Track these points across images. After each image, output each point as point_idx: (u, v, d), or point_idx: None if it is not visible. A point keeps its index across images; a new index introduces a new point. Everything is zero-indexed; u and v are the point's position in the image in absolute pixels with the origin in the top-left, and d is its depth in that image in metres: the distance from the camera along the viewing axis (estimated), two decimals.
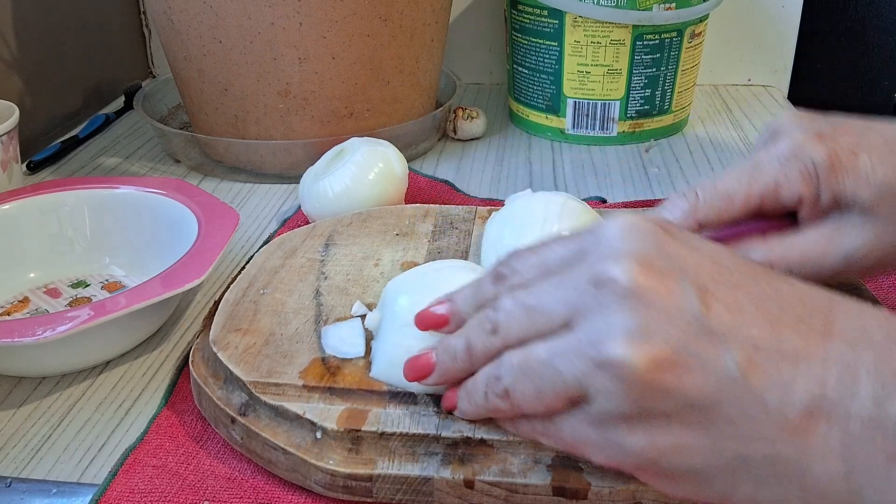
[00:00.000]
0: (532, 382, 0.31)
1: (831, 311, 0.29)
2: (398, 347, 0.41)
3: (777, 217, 0.41)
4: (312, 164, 0.66)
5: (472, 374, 0.36)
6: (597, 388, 0.29)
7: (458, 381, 0.37)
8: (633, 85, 0.81)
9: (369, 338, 0.44)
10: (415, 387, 0.40)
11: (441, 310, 0.38)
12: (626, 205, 0.67)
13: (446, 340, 0.37)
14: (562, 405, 0.31)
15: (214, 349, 0.44)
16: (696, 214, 0.40)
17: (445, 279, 0.42)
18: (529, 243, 0.35)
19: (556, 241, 0.34)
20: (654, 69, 0.80)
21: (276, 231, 0.66)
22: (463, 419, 0.39)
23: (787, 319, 0.28)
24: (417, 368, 0.38)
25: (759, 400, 0.27)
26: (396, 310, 0.42)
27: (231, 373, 0.42)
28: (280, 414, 0.40)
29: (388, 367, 0.41)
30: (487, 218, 0.57)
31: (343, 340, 0.44)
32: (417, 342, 0.40)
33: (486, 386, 0.34)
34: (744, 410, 0.27)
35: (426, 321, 0.38)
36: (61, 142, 0.83)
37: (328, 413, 0.40)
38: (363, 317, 0.46)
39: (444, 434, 0.38)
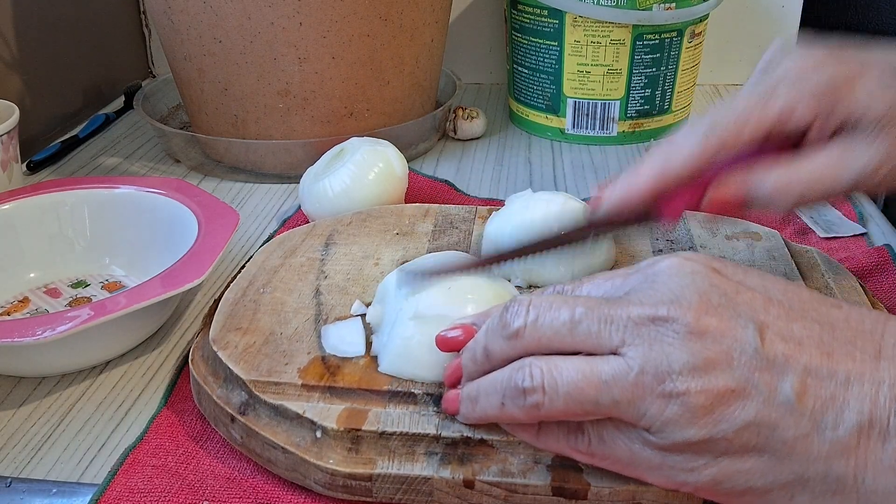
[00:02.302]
0: (571, 399, 0.32)
1: (880, 332, 0.31)
2: (404, 339, 0.41)
3: (778, 149, 0.41)
4: (312, 164, 0.66)
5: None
6: (661, 418, 0.30)
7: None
8: (633, 85, 0.81)
9: (369, 335, 0.44)
10: (421, 378, 0.40)
11: (458, 333, 0.38)
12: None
13: (470, 342, 0.38)
14: (592, 418, 0.33)
15: (214, 348, 0.44)
16: (710, 140, 0.40)
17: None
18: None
19: (603, 275, 0.35)
20: (654, 69, 0.80)
21: (276, 231, 0.66)
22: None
23: (837, 344, 0.30)
24: (452, 371, 0.38)
25: (814, 422, 0.29)
26: (400, 302, 0.42)
27: (231, 372, 0.42)
28: (280, 413, 0.40)
29: (398, 360, 0.41)
30: (487, 218, 0.57)
31: (343, 339, 0.44)
32: (423, 333, 0.40)
33: (503, 395, 0.34)
34: (800, 433, 0.29)
35: (446, 344, 0.39)
36: (61, 142, 0.83)
37: (328, 412, 0.40)
38: (363, 316, 0.46)
39: (443, 434, 0.38)
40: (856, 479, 0.29)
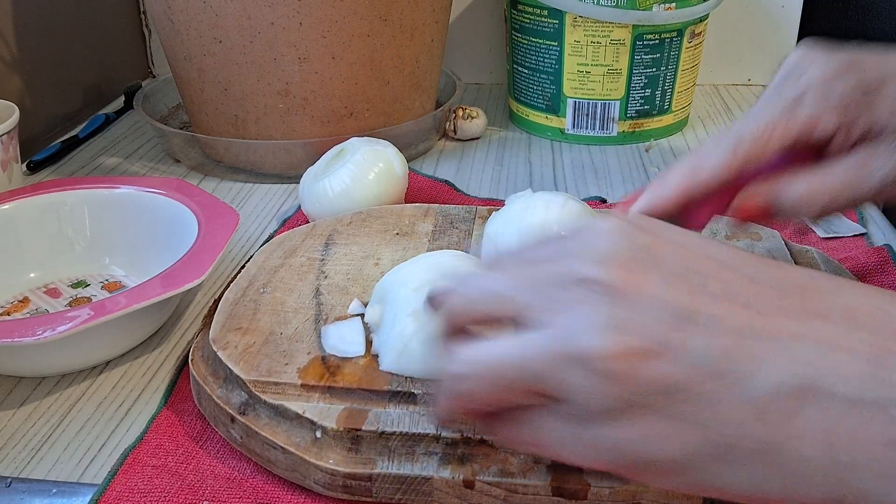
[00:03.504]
0: (497, 378, 0.30)
1: (812, 290, 0.28)
2: (405, 337, 0.41)
3: (802, 157, 0.41)
4: (312, 164, 0.66)
5: None
6: (571, 384, 0.28)
7: None
8: (633, 85, 0.81)
9: (368, 335, 0.44)
10: (422, 375, 0.41)
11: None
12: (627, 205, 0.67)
13: None
14: (527, 401, 0.30)
15: (214, 348, 0.44)
16: (738, 155, 0.40)
17: (442, 267, 0.43)
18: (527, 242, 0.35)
19: (546, 240, 0.33)
20: (654, 69, 0.80)
21: (276, 231, 0.66)
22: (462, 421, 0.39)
23: (764, 302, 0.28)
24: None
25: (734, 384, 0.27)
26: (399, 300, 0.42)
27: (231, 372, 0.42)
28: (280, 413, 0.40)
29: (399, 357, 0.41)
30: (487, 218, 0.57)
31: (343, 339, 0.44)
32: (422, 329, 0.40)
33: (444, 388, 0.32)
34: (719, 395, 0.27)
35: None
36: (61, 142, 0.83)
37: (328, 412, 0.40)
38: (363, 315, 0.46)
39: (443, 434, 0.38)
40: (781, 449, 0.27)
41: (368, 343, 0.44)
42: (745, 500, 0.29)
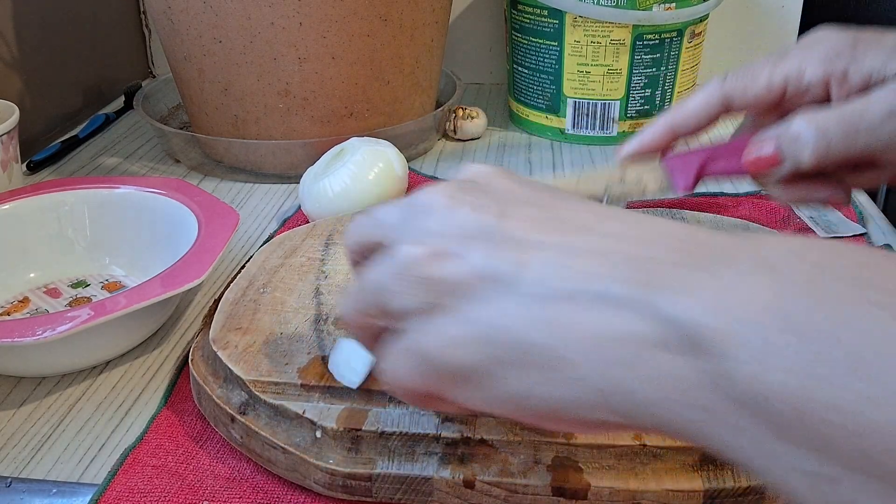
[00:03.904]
0: (358, 308, 0.32)
1: (608, 216, 0.29)
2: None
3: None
4: (312, 164, 0.66)
5: None
6: (396, 291, 0.30)
7: None
8: (633, 85, 0.81)
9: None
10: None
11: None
12: (627, 205, 0.67)
13: None
14: (383, 322, 0.32)
15: (214, 348, 0.44)
16: (723, 88, 0.43)
17: None
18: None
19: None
20: (654, 69, 0.80)
21: (276, 231, 0.66)
22: (461, 418, 0.39)
23: (558, 223, 0.29)
24: None
25: (502, 285, 0.28)
26: None
27: (231, 372, 0.42)
28: (280, 413, 0.40)
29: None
30: None
31: (347, 364, 0.42)
32: None
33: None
34: (491, 295, 0.28)
35: None
36: (61, 142, 0.83)
37: (328, 412, 0.40)
38: None
39: (443, 434, 0.38)
40: (556, 350, 0.26)
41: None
42: (545, 418, 0.28)
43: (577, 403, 0.27)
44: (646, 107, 0.82)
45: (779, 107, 0.43)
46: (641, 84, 0.81)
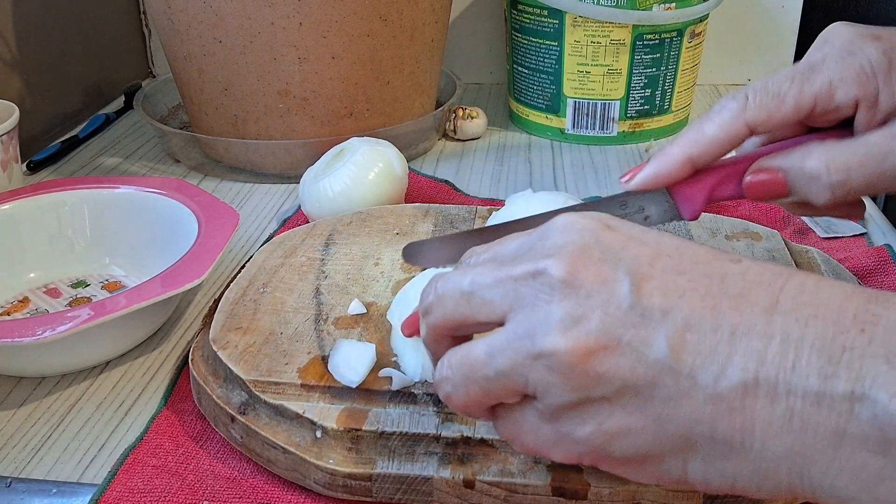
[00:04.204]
0: (469, 381, 0.30)
1: (780, 286, 0.28)
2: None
3: (829, 130, 0.40)
4: (312, 164, 0.66)
5: None
6: (536, 380, 0.29)
7: None
8: (633, 85, 0.81)
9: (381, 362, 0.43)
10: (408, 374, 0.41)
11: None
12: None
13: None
14: (507, 399, 0.31)
15: (214, 348, 0.44)
16: (746, 114, 0.39)
17: None
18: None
19: (512, 236, 0.33)
20: (654, 69, 0.80)
21: (276, 231, 0.66)
22: (463, 418, 0.39)
23: (726, 297, 0.28)
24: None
25: (692, 378, 0.27)
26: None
27: (231, 371, 0.42)
28: (280, 413, 0.40)
29: (424, 370, 0.41)
30: (487, 218, 0.57)
31: (348, 363, 0.42)
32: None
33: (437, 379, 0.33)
34: (678, 391, 0.27)
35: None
36: (61, 142, 0.83)
37: (328, 412, 0.40)
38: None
39: (443, 434, 0.38)
40: (744, 442, 0.27)
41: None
42: (715, 490, 0.29)
43: (760, 484, 0.27)
44: (646, 107, 0.82)
45: (799, 123, 0.41)
46: (641, 84, 0.81)
